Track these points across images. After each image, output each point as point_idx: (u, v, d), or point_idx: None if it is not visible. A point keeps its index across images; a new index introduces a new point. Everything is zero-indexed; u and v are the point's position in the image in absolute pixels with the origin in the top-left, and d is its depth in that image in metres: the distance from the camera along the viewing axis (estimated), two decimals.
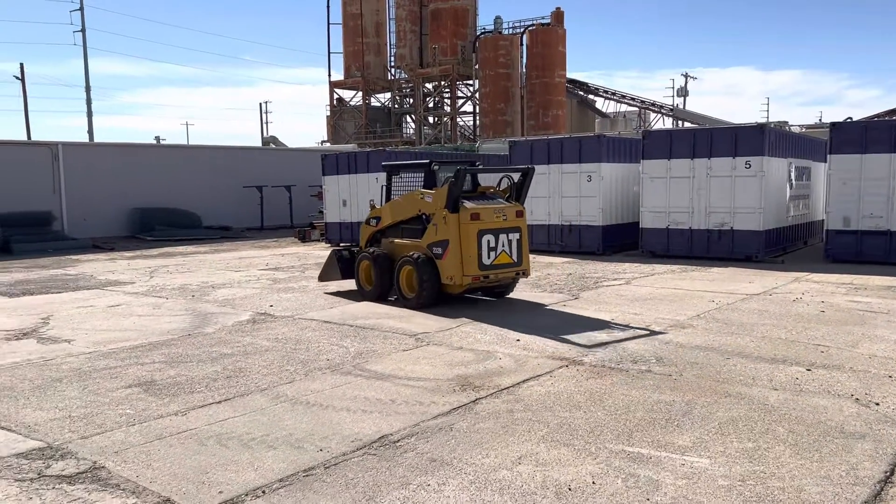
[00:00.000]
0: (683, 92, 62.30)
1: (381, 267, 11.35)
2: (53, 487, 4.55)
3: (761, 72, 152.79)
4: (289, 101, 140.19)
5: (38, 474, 4.77)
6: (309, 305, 11.21)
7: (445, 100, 60.10)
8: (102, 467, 4.85)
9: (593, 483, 4.50)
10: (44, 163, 24.35)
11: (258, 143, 57.10)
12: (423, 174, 11.31)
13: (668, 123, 55.18)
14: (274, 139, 52.45)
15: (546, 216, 18.33)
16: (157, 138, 69.84)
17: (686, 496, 4.31)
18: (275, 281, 14.20)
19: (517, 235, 10.57)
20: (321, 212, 25.31)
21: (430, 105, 60.22)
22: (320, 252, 20.63)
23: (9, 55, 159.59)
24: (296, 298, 11.95)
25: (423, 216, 10.84)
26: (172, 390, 6.63)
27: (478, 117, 54.89)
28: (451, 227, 10.25)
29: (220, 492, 4.45)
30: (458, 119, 58.57)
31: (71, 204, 24.67)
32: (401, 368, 7.27)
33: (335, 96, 63.02)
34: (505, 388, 6.50)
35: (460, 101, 58.58)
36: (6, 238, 21.30)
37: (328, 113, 62.99)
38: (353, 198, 21.82)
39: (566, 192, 17.96)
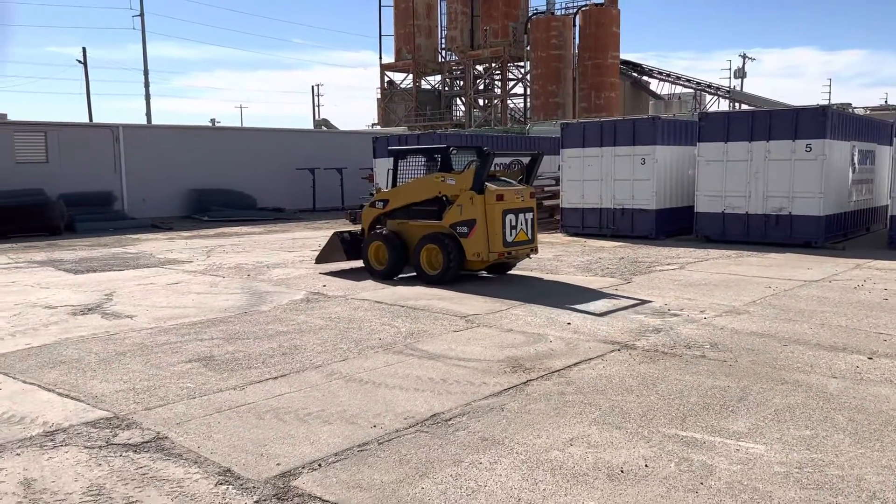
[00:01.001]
0: (741, 73, 60.58)
1: (393, 247, 11.74)
2: (121, 455, 4.75)
3: (823, 52, 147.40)
4: (340, 84, 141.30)
5: (106, 442, 4.98)
6: (360, 286, 11.35)
7: (496, 82, 59.72)
8: (166, 437, 5.04)
9: (646, 466, 4.48)
10: (105, 144, 25.10)
11: (310, 126, 57.79)
12: (431, 159, 12.01)
13: (724, 106, 53.79)
14: (326, 122, 53.02)
15: (598, 199, 18.12)
16: (213, 121, 71.30)
17: (741, 481, 4.26)
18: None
19: (531, 215, 11.41)
20: (372, 194, 25.53)
21: (481, 87, 59.92)
22: None
23: (72, 40, 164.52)
24: (349, 278, 12.12)
25: (444, 198, 11.36)
26: (230, 365, 6.82)
27: (528, 99, 54.41)
28: (478, 207, 10.90)
29: (278, 464, 4.58)
30: (509, 101, 58.17)
31: (131, 184, 25.41)
32: (451, 349, 7.34)
33: (386, 79, 63.24)
34: (556, 371, 6.50)
35: (511, 84, 58.17)
36: (71, 217, 22.06)
37: (379, 96, 63.33)
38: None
39: (619, 175, 17.71)
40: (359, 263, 12.78)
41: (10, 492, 4.23)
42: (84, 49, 47.39)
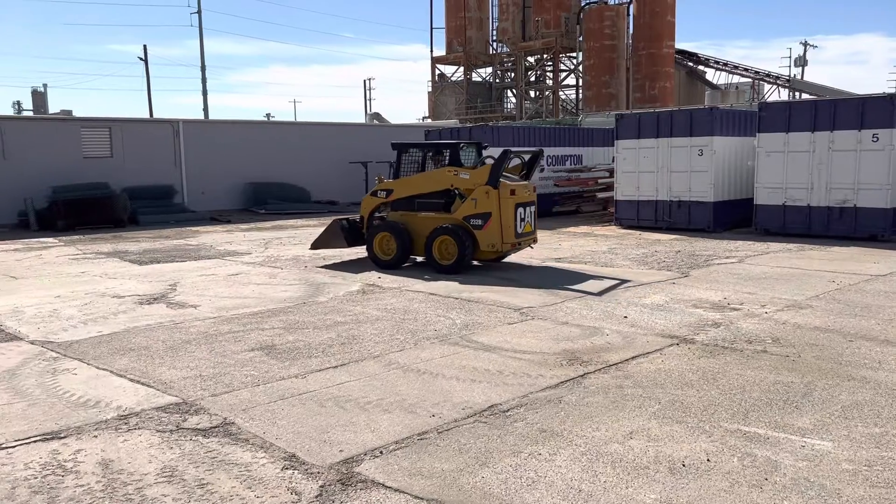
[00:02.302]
0: (802, 61, 58.65)
1: (402, 238, 12.13)
2: (190, 439, 4.93)
3: (890, 38, 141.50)
4: (392, 77, 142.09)
5: (177, 427, 5.17)
6: (415, 277, 11.46)
7: (547, 73, 59.22)
8: (232, 423, 5.21)
9: (708, 461, 4.44)
10: (166, 139, 25.81)
11: (362, 120, 58.31)
12: (438, 154, 12.46)
13: (783, 95, 52.22)
14: (377, 115, 53.38)
15: (653, 192, 17.86)
16: (268, 115, 72.55)
17: (807, 478, 4.18)
18: None
19: (533, 208, 12.06)
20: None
21: (532, 79, 59.51)
22: None
23: (132, 38, 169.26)
24: (403, 273, 12.24)
25: (455, 191, 11.92)
26: (292, 354, 6.99)
27: (581, 90, 53.81)
28: (493, 201, 11.49)
29: (341, 450, 4.69)
30: (561, 92, 57.62)
31: (190, 178, 26.09)
32: (507, 341, 7.36)
33: (437, 72, 63.30)
34: (613, 364, 6.47)
35: (563, 75, 57.57)
36: (133, 210, 22.81)
37: (430, 89, 63.42)
38: None
39: (675, 167, 17.41)
40: (355, 251, 13.18)
41: (89, 471, 4.44)
42: (145, 47, 48.94)
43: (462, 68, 60.98)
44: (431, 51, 62.32)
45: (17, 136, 22.79)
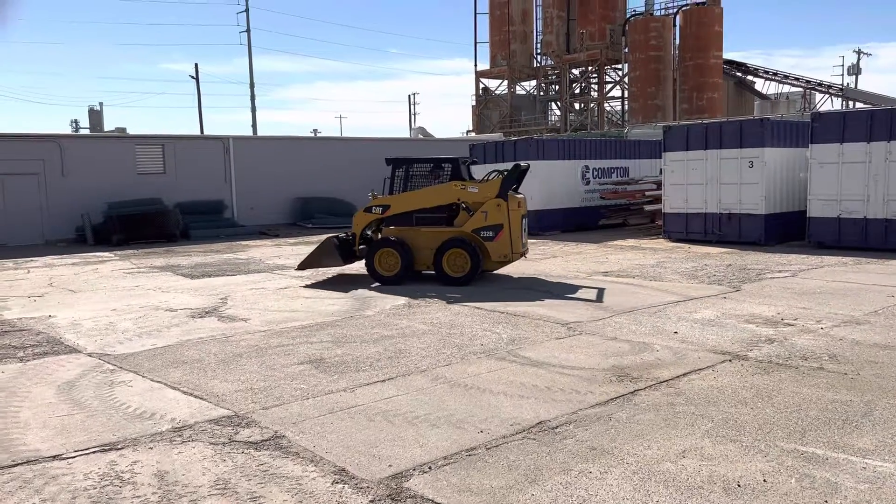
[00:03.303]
0: (855, 70, 57.18)
1: (405, 253, 12.30)
2: (243, 452, 5.01)
3: None
4: (436, 91, 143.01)
5: (229, 439, 5.26)
6: (459, 292, 11.47)
7: (592, 85, 58.91)
8: (283, 436, 5.28)
9: (764, 481, 4.33)
10: (216, 155, 26.43)
11: (407, 134, 58.81)
12: (438, 168, 12.75)
13: (836, 105, 50.91)
14: (422, 130, 53.80)
15: (702, 204, 17.56)
16: (315, 131, 73.61)
17: (869, 501, 4.04)
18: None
19: (526, 220, 12.65)
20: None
21: (577, 91, 59.27)
22: None
23: (183, 56, 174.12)
24: (447, 286, 12.27)
25: (461, 205, 12.25)
26: (340, 368, 7.06)
27: (626, 102, 53.36)
28: (503, 213, 12.01)
29: (390, 465, 4.71)
30: (606, 104, 57.23)
31: (240, 193, 26.63)
32: (555, 356, 7.31)
33: (481, 86, 63.52)
34: (664, 381, 6.36)
35: (608, 87, 57.20)
36: (185, 225, 23.39)
37: (473, 103, 63.62)
38: None
39: (725, 179, 17.10)
40: (351, 269, 13.23)
41: (146, 483, 4.55)
42: (196, 65, 50.19)
43: (506, 81, 61.06)
44: (475, 65, 62.62)
45: (75, 153, 23.60)
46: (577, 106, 59.97)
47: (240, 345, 8.19)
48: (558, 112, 60.84)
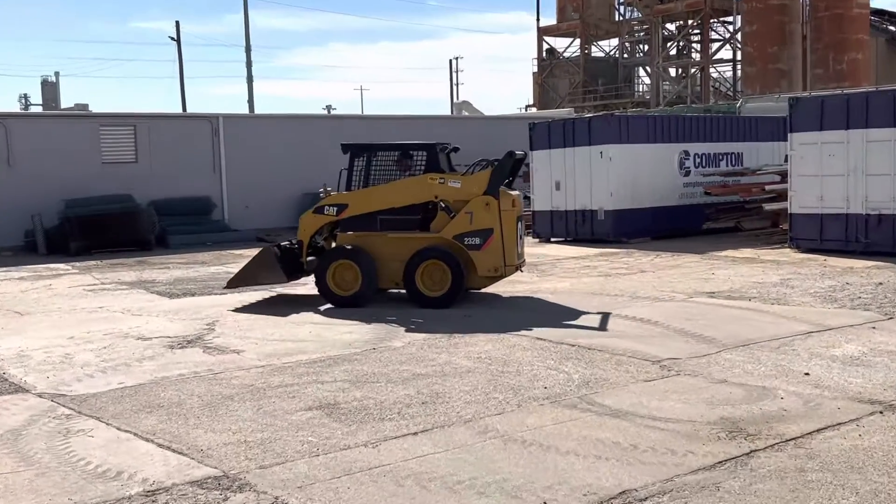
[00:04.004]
0: None
1: (367, 267, 12.45)
2: None
3: None
4: (485, 55, 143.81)
5: None
6: (515, 316, 11.46)
7: (693, 45, 58.47)
8: None
9: None
10: (202, 139, 26.89)
11: (447, 111, 59.17)
12: (406, 157, 13.01)
13: None
14: (467, 105, 54.04)
15: (842, 202, 17.24)
16: (328, 107, 74.68)
17: None
18: None
19: (521, 223, 12.94)
20: (527, 197, 25.69)
21: (672, 53, 58.86)
22: (527, 249, 20.89)
23: (162, 13, 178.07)
24: (499, 306, 12.26)
25: (441, 204, 12.36)
26: (359, 416, 7.11)
27: (739, 66, 52.82)
28: (494, 214, 12.14)
29: None
30: (712, 69, 56.71)
31: (232, 188, 27.01)
32: (642, 404, 7.25)
33: (544, 47, 63.63)
34: (791, 439, 6.26)
35: (714, 46, 56.71)
36: (162, 228, 23.87)
37: (535, 69, 63.79)
38: (568, 179, 21.98)
39: (874, 169, 16.76)
40: (296, 289, 13.65)
41: None
42: (178, 23, 51.38)
43: (578, 41, 61.00)
44: (538, 19, 62.79)
45: (23, 137, 24.17)
46: (672, 72, 59.56)
47: (231, 384, 8.29)
48: (648, 80, 60.53)
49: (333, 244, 13.22)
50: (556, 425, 6.74)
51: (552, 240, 22.56)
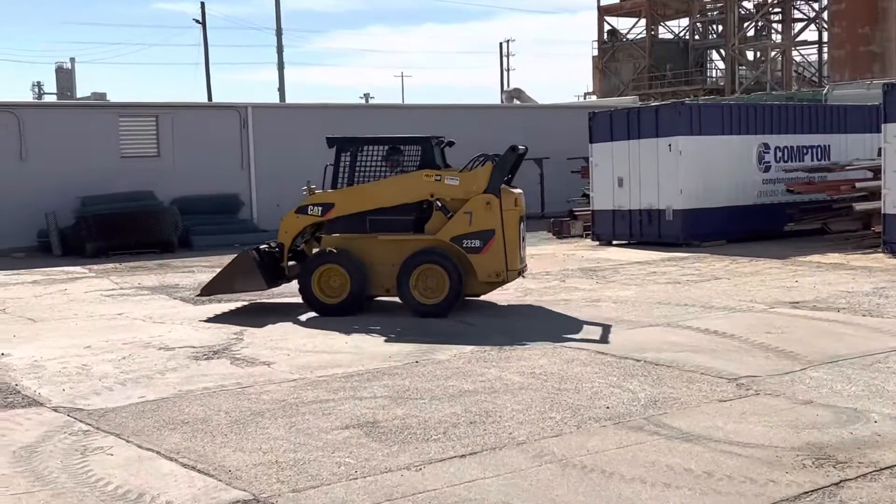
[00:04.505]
0: None
1: (357, 272, 12.58)
2: None
3: None
4: (539, 38, 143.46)
5: None
6: (573, 327, 11.42)
7: (773, 26, 57.82)
8: None
9: None
10: (230, 131, 27.19)
11: (497, 100, 59.17)
12: (395, 153, 13.15)
13: None
14: (518, 92, 53.93)
15: None
16: (366, 96, 75.14)
17: None
18: (525, 292, 14.65)
19: (525, 224, 13.18)
20: (586, 195, 25.59)
21: (750, 34, 58.27)
22: (585, 252, 20.93)
23: None
24: (555, 317, 12.21)
25: (437, 203, 12.54)
26: (401, 436, 7.13)
27: (826, 49, 52.09)
28: (495, 213, 12.35)
29: None
30: (795, 52, 56.04)
31: (262, 184, 27.23)
32: (717, 427, 7.18)
33: (605, 28, 63.38)
34: (886, 468, 6.16)
35: (797, 27, 56.05)
36: (186, 228, 24.13)
37: (595, 53, 63.55)
38: (633, 174, 21.84)
39: None
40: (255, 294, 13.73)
41: None
42: (203, 4, 51.82)
43: (644, 21, 60.67)
44: None
45: (37, 129, 24.62)
46: (749, 55, 58.95)
47: (261, 399, 8.37)
48: (722, 65, 59.98)
49: (315, 249, 13.33)
50: (619, 449, 6.69)
51: (613, 242, 22.46)
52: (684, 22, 62.18)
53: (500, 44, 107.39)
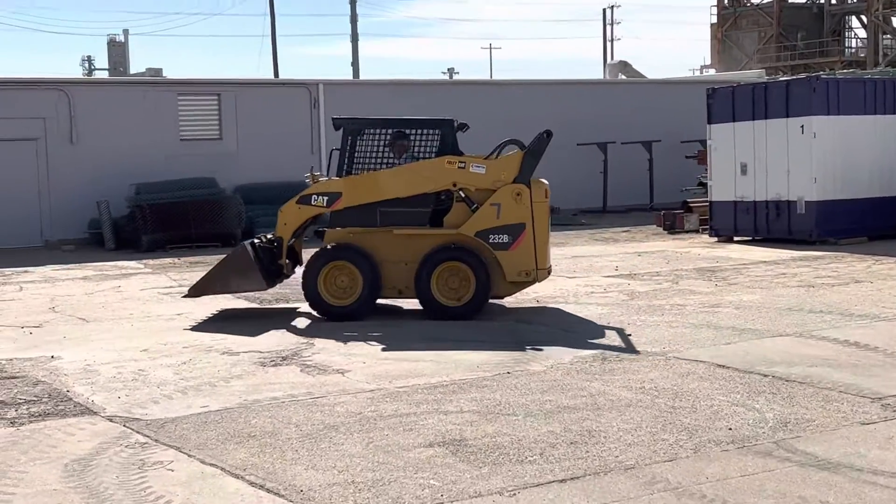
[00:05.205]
0: None
1: (370, 271, 12.66)
2: None
3: None
4: (648, 3, 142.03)
5: None
6: (689, 336, 11.32)
7: None
8: None
9: None
10: (298, 111, 27.52)
11: (600, 75, 58.77)
12: (401, 137, 13.27)
13: None
14: (625, 66, 53.51)
15: None
16: (450, 71, 75.38)
17: None
18: (631, 295, 14.56)
19: (550, 217, 13.39)
20: (703, 184, 25.28)
21: None
22: (701, 250, 20.68)
23: None
24: (667, 324, 12.15)
25: (460, 194, 12.71)
26: (492, 456, 7.13)
27: None
28: (526, 206, 12.55)
29: None
30: None
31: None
32: (860, 454, 7.04)
33: None
34: None
35: None
36: (250, 219, 24.38)
37: (714, 20, 62.71)
38: (758, 160, 21.49)
39: None
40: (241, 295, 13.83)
41: None
42: None
43: None
44: None
45: (88, 108, 25.15)
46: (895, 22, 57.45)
47: (335, 411, 8.46)
48: (863, 33, 58.65)
49: (305, 247, 13.47)
50: (744, 477, 6.61)
51: (735, 239, 22.14)
52: None
53: (604, 9, 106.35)
